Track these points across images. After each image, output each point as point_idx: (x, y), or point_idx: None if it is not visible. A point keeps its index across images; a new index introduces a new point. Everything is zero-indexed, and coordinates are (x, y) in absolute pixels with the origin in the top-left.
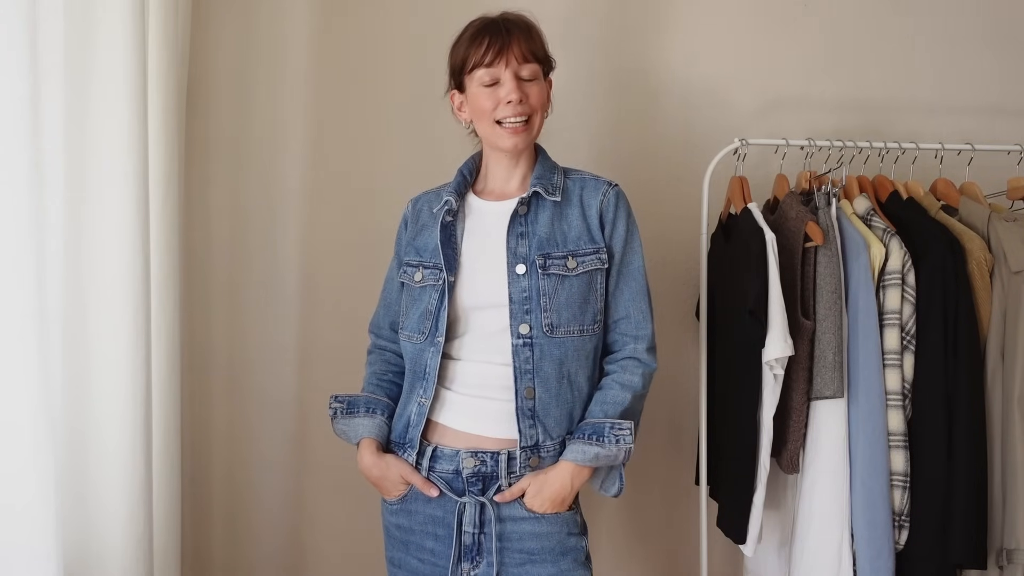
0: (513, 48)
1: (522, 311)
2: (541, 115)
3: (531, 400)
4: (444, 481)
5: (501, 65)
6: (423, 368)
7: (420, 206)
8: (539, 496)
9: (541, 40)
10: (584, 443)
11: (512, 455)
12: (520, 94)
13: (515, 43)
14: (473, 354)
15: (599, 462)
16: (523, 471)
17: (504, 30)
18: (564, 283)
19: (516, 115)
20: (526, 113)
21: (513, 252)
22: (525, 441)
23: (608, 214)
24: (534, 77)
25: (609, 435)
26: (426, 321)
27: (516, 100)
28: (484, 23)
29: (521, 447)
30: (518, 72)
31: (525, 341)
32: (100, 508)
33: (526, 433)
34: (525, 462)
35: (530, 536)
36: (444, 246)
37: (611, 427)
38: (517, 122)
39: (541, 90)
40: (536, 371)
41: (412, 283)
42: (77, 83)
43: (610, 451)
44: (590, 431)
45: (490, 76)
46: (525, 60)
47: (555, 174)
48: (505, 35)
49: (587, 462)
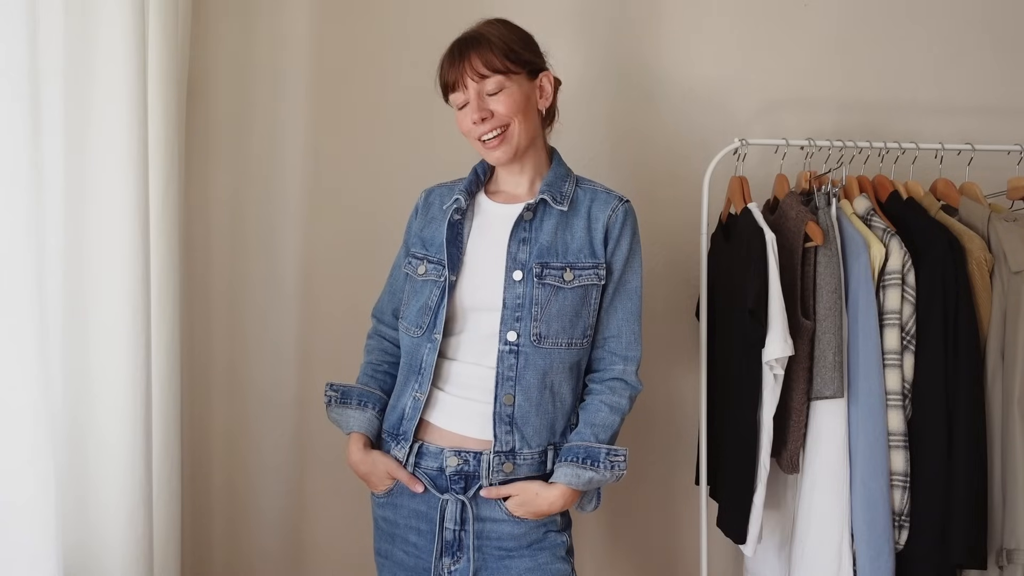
0: (467, 68)
1: (513, 318)
2: (520, 121)
3: (510, 407)
4: (428, 477)
5: (461, 90)
6: (419, 363)
7: (432, 198)
8: (523, 508)
9: (504, 47)
10: (578, 467)
11: (491, 455)
12: (481, 112)
13: (470, 61)
14: (466, 355)
15: (591, 486)
16: (496, 475)
17: (459, 51)
18: (558, 294)
19: (486, 132)
20: (497, 126)
21: (513, 257)
22: (500, 446)
23: (614, 231)
24: (499, 88)
25: (605, 461)
26: (424, 316)
27: (478, 120)
28: (450, 46)
29: (495, 451)
30: (481, 89)
31: (512, 348)
32: (100, 508)
33: (502, 438)
34: (499, 467)
35: (508, 536)
36: (449, 244)
37: (607, 453)
38: (490, 137)
39: (511, 97)
40: (518, 379)
41: (415, 275)
42: (77, 82)
43: (604, 476)
44: (583, 455)
45: (459, 100)
46: (483, 76)
47: (566, 182)
48: (459, 56)
49: (581, 486)
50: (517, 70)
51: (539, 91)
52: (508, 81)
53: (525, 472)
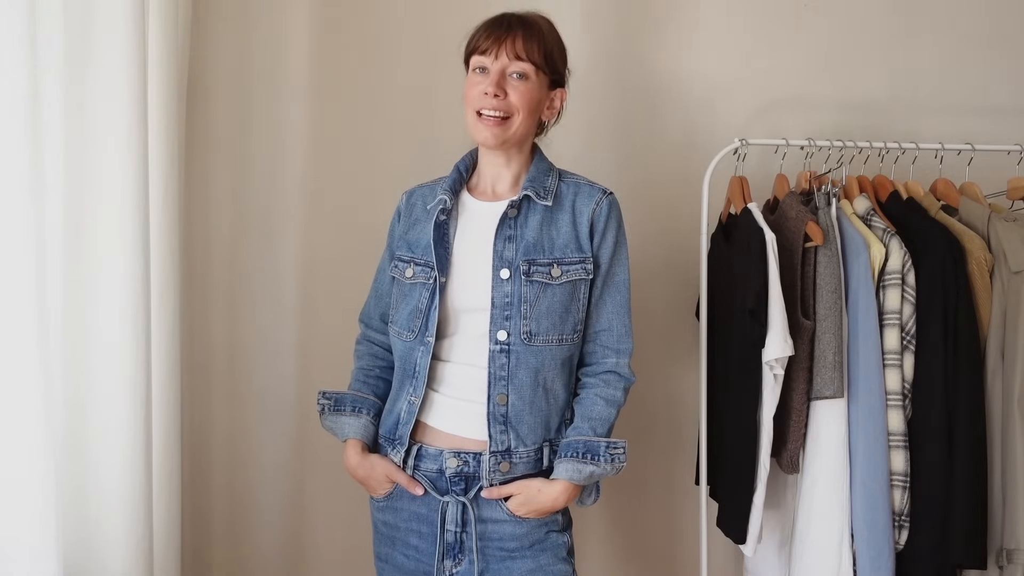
0: (509, 43)
1: (502, 316)
2: (523, 117)
3: (503, 406)
4: (428, 480)
5: (492, 56)
6: (412, 367)
7: (414, 199)
8: (525, 507)
9: (546, 45)
10: (578, 462)
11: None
12: (497, 88)
13: (514, 39)
14: (459, 356)
15: (592, 480)
16: (493, 475)
17: (507, 24)
18: (547, 291)
19: (491, 108)
20: (502, 109)
21: (500, 256)
22: (496, 446)
23: (599, 224)
24: (523, 77)
25: (605, 455)
26: (416, 320)
27: (491, 93)
28: (499, 15)
29: (491, 451)
30: (507, 68)
31: (502, 347)
32: (100, 508)
33: (496, 438)
34: (495, 467)
35: (510, 537)
36: (437, 245)
37: (607, 446)
38: (492, 115)
39: (529, 92)
40: (511, 378)
41: (403, 279)
42: (77, 82)
43: (605, 469)
44: (583, 449)
45: (481, 64)
46: (517, 58)
47: (549, 177)
48: (506, 29)
49: (582, 481)
50: (546, 73)
51: (549, 102)
52: (534, 76)
53: (522, 470)
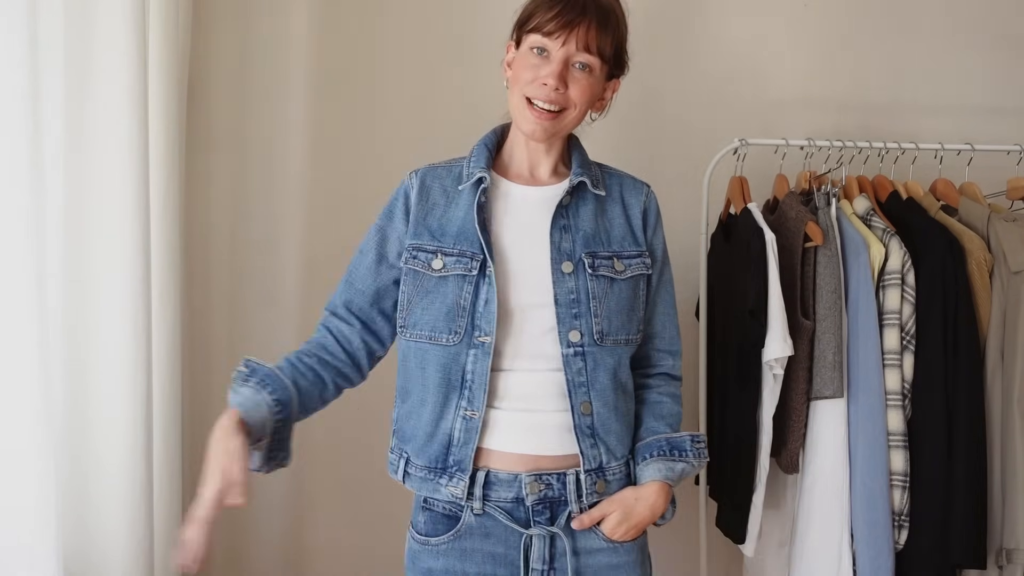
0: (580, 30)
1: (570, 315)
2: (579, 112)
3: (588, 416)
4: (504, 511)
5: (559, 41)
6: (461, 375)
7: (429, 181)
8: (624, 524)
9: (616, 37)
10: (668, 460)
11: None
12: (558, 81)
13: (587, 26)
14: (515, 362)
15: (682, 478)
16: (590, 498)
17: (581, 8)
18: (614, 287)
19: (546, 100)
20: (558, 102)
21: (557, 247)
22: (588, 464)
23: (651, 217)
24: (588, 70)
25: (692, 449)
26: (458, 319)
27: (552, 85)
28: None
29: (585, 470)
30: (571, 56)
31: (576, 350)
32: (100, 508)
33: (588, 454)
34: (591, 487)
35: (607, 569)
36: (483, 231)
37: (692, 440)
38: (545, 107)
39: (591, 86)
40: (591, 383)
41: (428, 271)
42: (77, 81)
43: (693, 465)
44: (668, 447)
45: (543, 45)
46: (586, 49)
47: (592, 167)
48: (580, 13)
49: (675, 479)
50: (611, 67)
51: (603, 94)
52: (598, 70)
53: (615, 489)
